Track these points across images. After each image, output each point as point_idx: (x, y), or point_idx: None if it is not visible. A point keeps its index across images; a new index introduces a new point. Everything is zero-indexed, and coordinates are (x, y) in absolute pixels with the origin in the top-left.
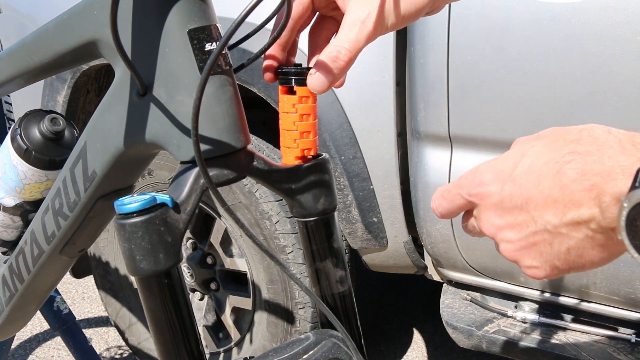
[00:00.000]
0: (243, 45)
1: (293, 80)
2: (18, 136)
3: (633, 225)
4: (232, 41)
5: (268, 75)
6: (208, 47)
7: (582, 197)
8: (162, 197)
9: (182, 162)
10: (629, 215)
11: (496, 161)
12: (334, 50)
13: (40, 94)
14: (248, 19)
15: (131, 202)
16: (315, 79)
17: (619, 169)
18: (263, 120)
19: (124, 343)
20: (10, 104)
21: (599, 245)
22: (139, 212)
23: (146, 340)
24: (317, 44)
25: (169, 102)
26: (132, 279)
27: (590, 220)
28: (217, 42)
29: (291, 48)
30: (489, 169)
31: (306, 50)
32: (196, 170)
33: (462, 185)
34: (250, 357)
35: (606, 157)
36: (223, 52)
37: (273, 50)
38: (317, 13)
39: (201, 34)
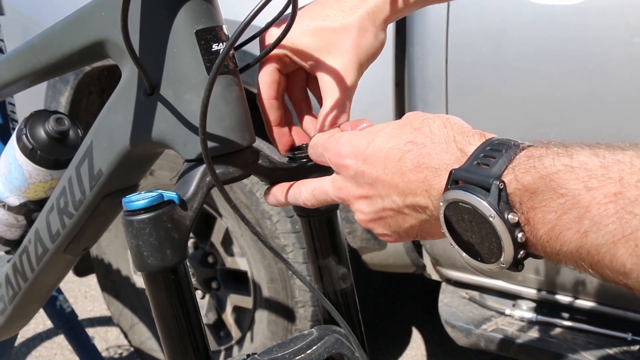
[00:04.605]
0: (243, 47)
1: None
2: (24, 136)
3: (449, 222)
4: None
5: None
6: (215, 47)
7: (417, 187)
8: (170, 194)
9: (187, 160)
10: (445, 212)
11: (356, 136)
12: (335, 118)
13: (43, 95)
14: (253, 22)
15: (139, 199)
16: None
17: (443, 167)
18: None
19: (125, 342)
20: (14, 105)
21: (437, 225)
22: (147, 209)
23: (149, 340)
24: (297, 99)
25: (176, 101)
26: (135, 279)
27: (425, 207)
28: (224, 43)
29: (286, 114)
30: (348, 141)
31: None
32: (202, 168)
33: (327, 148)
34: (252, 354)
35: (435, 153)
36: (230, 52)
37: (276, 132)
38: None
39: (208, 35)
